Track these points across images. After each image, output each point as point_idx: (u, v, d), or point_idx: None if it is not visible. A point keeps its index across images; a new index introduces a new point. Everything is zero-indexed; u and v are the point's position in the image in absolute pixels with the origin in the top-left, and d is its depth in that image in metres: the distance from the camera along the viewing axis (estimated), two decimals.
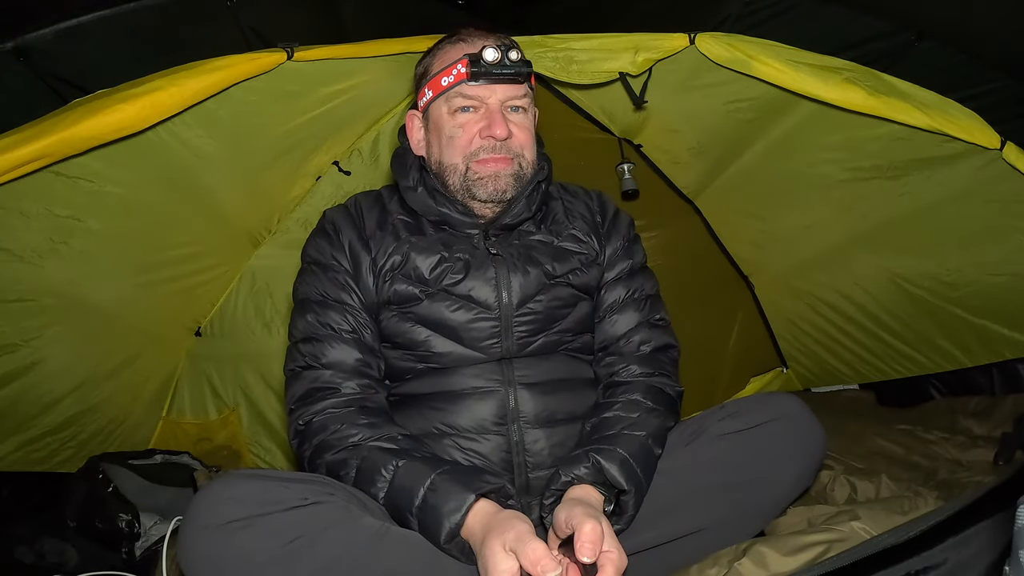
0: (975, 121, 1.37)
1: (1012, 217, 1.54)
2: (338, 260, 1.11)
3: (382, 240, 1.11)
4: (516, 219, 1.13)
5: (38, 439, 1.67)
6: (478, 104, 1.09)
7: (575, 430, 1.09)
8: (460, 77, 1.08)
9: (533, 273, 1.11)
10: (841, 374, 2.35)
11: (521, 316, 1.09)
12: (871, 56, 1.56)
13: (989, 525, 0.70)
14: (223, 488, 0.84)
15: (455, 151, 1.10)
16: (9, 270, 1.39)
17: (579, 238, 1.17)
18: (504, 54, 1.06)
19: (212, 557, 0.81)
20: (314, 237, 1.16)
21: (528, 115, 1.14)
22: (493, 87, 1.08)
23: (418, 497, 0.88)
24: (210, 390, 2.18)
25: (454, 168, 1.11)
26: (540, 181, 1.15)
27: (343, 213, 1.17)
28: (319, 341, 1.06)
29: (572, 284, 1.14)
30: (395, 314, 1.10)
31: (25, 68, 1.36)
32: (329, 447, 0.97)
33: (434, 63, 1.14)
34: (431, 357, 1.09)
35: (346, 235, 1.13)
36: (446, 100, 1.10)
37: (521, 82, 1.10)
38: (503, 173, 1.09)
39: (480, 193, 1.10)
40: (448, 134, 1.11)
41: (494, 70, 1.06)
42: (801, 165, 1.79)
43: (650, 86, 1.53)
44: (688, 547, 0.97)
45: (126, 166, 1.40)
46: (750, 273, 2.43)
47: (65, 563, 1.48)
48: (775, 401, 1.05)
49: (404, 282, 1.09)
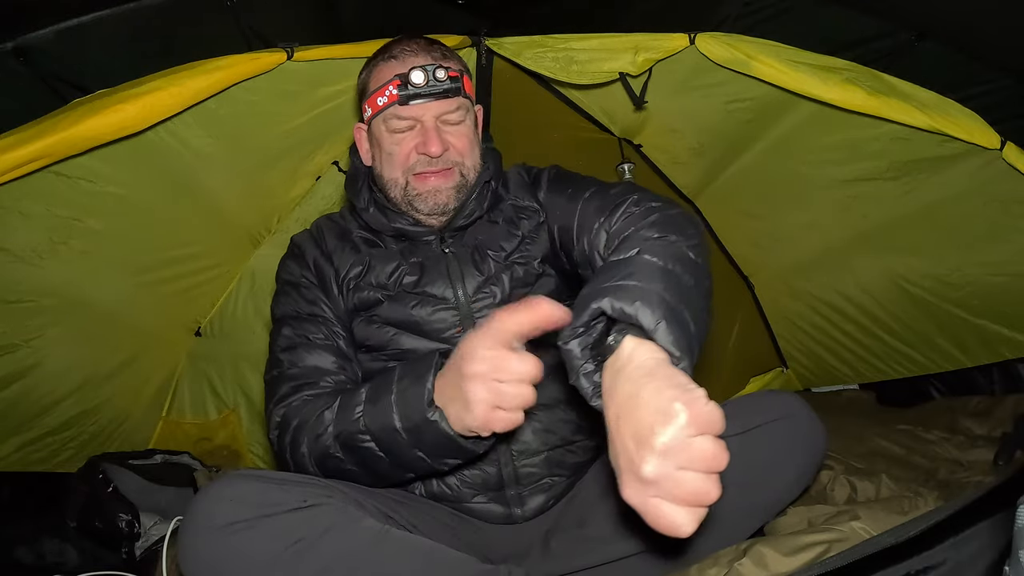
0: (975, 121, 1.37)
1: (1012, 217, 1.54)
2: (306, 277, 1.17)
3: (343, 254, 1.17)
4: (469, 219, 1.17)
5: (38, 439, 1.67)
6: (412, 123, 1.11)
7: (562, 415, 1.09)
8: (392, 99, 1.09)
9: (487, 259, 1.14)
10: (841, 374, 2.35)
11: (478, 302, 1.12)
12: (871, 56, 1.56)
13: (989, 525, 0.70)
14: (223, 489, 0.84)
15: (394, 166, 1.13)
16: (9, 270, 1.39)
17: (518, 205, 1.20)
18: (431, 74, 1.08)
19: (212, 559, 0.80)
20: (284, 260, 1.24)
21: (466, 123, 1.15)
22: (425, 105, 1.10)
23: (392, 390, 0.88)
24: (210, 390, 2.18)
25: (395, 182, 1.14)
26: (488, 180, 1.17)
27: (307, 236, 1.24)
28: (296, 348, 1.10)
29: (527, 257, 1.14)
30: (363, 319, 1.14)
31: (25, 68, 1.36)
32: (305, 422, 0.97)
33: (370, 81, 1.15)
34: (400, 354, 1.11)
35: (310, 254, 1.19)
36: (383, 120, 1.12)
37: (453, 97, 1.11)
38: (443, 187, 1.12)
39: (421, 207, 1.13)
40: (387, 151, 1.13)
41: (422, 91, 1.08)
42: (801, 165, 1.79)
43: (650, 86, 1.53)
44: (688, 547, 0.97)
45: (126, 166, 1.41)
46: (750, 273, 2.43)
47: (65, 563, 1.48)
48: (775, 400, 1.05)
49: (366, 289, 1.14)
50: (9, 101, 1.39)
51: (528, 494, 1.08)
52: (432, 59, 1.11)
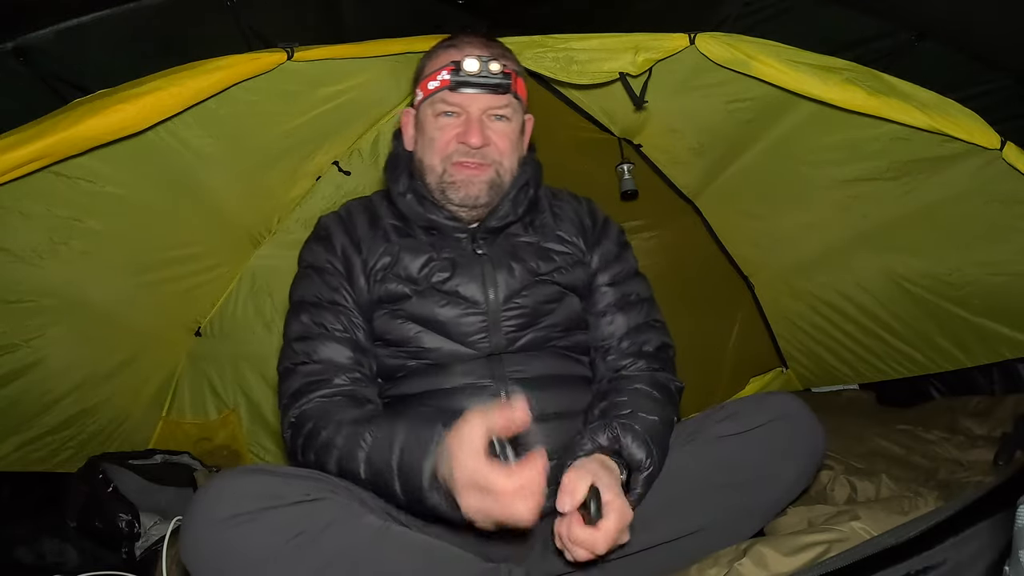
0: (975, 121, 1.37)
1: (1012, 217, 1.54)
2: (332, 263, 1.14)
3: (373, 242, 1.15)
4: (502, 222, 1.16)
5: (38, 439, 1.67)
6: (459, 111, 1.12)
7: (569, 426, 1.09)
8: (443, 84, 1.11)
9: (518, 270, 1.14)
10: (841, 374, 2.35)
11: (508, 311, 1.11)
12: (871, 56, 1.56)
13: (989, 525, 0.70)
14: (227, 482, 0.84)
15: (434, 152, 1.14)
16: (9, 270, 1.39)
17: (565, 239, 1.21)
18: (485, 65, 1.09)
19: (214, 551, 0.81)
20: (309, 243, 1.20)
21: (511, 124, 1.16)
22: (474, 96, 1.11)
23: (395, 456, 0.89)
24: (210, 390, 2.18)
25: (432, 168, 1.14)
26: (525, 184, 1.18)
27: (336, 219, 1.21)
28: (312, 339, 1.08)
29: (557, 282, 1.16)
30: (386, 312, 1.13)
31: (25, 68, 1.36)
32: (317, 432, 0.98)
33: (426, 66, 1.17)
34: (421, 353, 1.10)
35: (338, 239, 1.16)
36: (431, 104, 1.14)
37: (503, 93, 1.12)
38: (476, 180, 1.12)
39: (453, 196, 1.13)
40: (429, 135, 1.14)
41: (474, 80, 1.09)
42: (801, 165, 1.79)
43: (650, 86, 1.53)
44: (688, 547, 0.97)
45: (126, 166, 1.40)
46: (750, 273, 2.43)
47: (65, 563, 1.47)
48: (775, 401, 1.05)
49: (394, 281, 1.12)
50: (9, 101, 1.39)
51: None
52: (489, 52, 1.13)
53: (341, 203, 1.27)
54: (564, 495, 0.85)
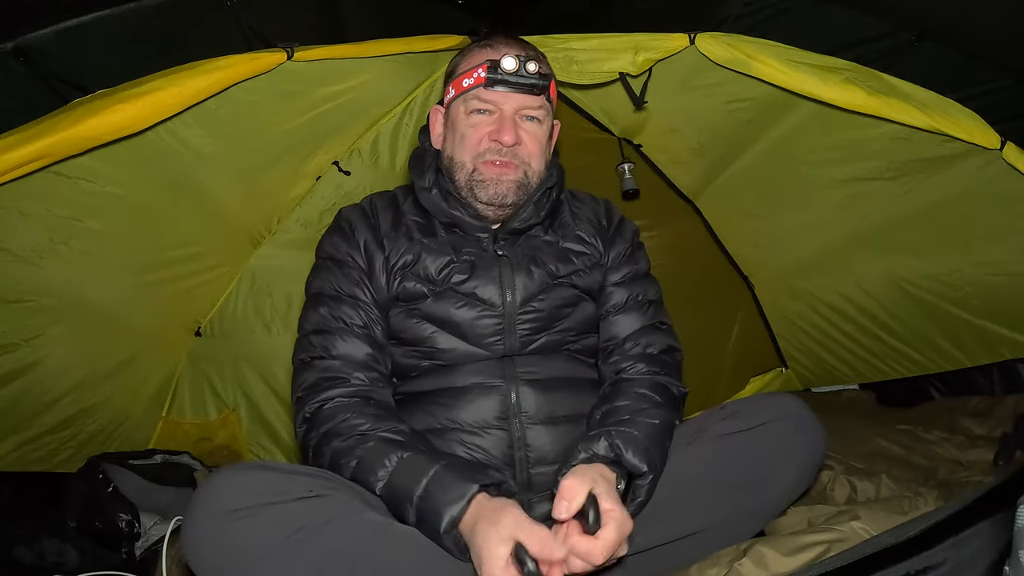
0: (975, 121, 1.37)
1: (1012, 217, 1.54)
2: (353, 257, 1.14)
3: (395, 239, 1.15)
4: (525, 224, 1.16)
5: (38, 438, 1.67)
6: (493, 109, 1.13)
7: (577, 428, 1.09)
8: (479, 81, 1.12)
9: (537, 273, 1.14)
10: (841, 374, 2.35)
11: (524, 314, 1.12)
12: (871, 56, 1.56)
13: (989, 525, 0.70)
14: (229, 477, 0.84)
15: (465, 149, 1.14)
16: (9, 270, 1.39)
17: (584, 239, 1.21)
18: (523, 64, 1.10)
19: (215, 545, 0.81)
20: (330, 234, 1.19)
21: (542, 126, 1.17)
22: (509, 95, 1.12)
23: (420, 487, 0.88)
24: (210, 390, 2.18)
25: (462, 165, 1.15)
26: (550, 188, 1.18)
27: (359, 212, 1.20)
28: (331, 333, 1.08)
29: (575, 285, 1.16)
30: (403, 310, 1.13)
31: (25, 68, 1.36)
32: (336, 435, 0.97)
33: (460, 64, 1.18)
34: (435, 353, 1.11)
35: (361, 234, 1.16)
36: (464, 101, 1.14)
37: (537, 94, 1.13)
38: (506, 178, 1.12)
39: (481, 194, 1.13)
40: (461, 132, 1.15)
41: (510, 79, 1.10)
42: (801, 165, 1.79)
43: (650, 86, 1.54)
44: (688, 547, 0.97)
45: (126, 166, 1.40)
46: (750, 273, 2.43)
47: (65, 563, 1.48)
48: (775, 401, 1.06)
49: (413, 280, 1.12)
50: (9, 101, 1.39)
51: (537, 501, 1.07)
52: (526, 53, 1.14)
53: (341, 203, 1.27)
54: (561, 502, 0.83)
